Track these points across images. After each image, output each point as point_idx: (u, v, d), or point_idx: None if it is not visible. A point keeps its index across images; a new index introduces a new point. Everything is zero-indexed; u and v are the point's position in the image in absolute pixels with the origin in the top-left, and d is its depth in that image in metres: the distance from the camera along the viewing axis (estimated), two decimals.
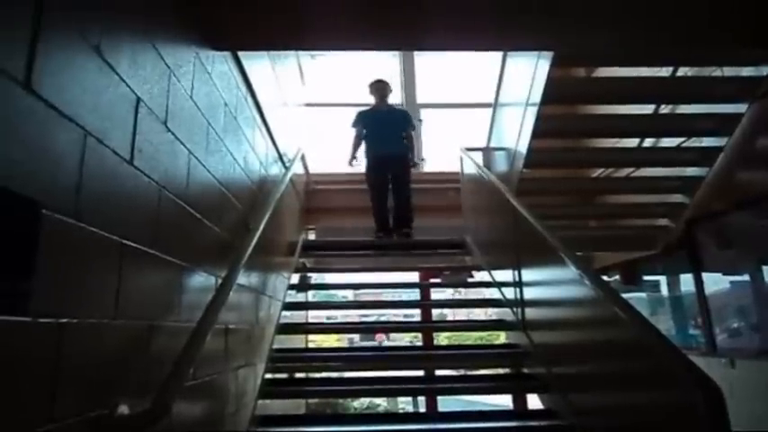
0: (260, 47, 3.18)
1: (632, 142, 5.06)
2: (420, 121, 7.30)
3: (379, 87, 5.94)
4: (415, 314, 5.63)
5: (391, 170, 5.58)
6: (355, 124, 5.78)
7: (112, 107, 1.50)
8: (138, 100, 1.65)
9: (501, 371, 4.36)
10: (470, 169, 5.27)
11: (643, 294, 5.98)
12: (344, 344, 8.82)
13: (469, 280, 5.44)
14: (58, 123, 1.25)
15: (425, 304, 5.39)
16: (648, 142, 4.99)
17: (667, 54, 3.99)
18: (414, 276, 6.24)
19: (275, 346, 3.59)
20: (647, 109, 4.83)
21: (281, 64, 4.37)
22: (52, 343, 1.20)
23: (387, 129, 5.70)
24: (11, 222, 1.09)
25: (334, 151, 7.20)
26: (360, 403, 8.51)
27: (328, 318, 7.32)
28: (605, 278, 6.04)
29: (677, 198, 4.85)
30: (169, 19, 2.00)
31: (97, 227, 1.39)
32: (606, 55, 4.11)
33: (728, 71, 4.06)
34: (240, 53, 2.87)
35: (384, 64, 7.67)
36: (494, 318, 4.40)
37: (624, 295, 2.26)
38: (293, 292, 4.58)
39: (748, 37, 2.84)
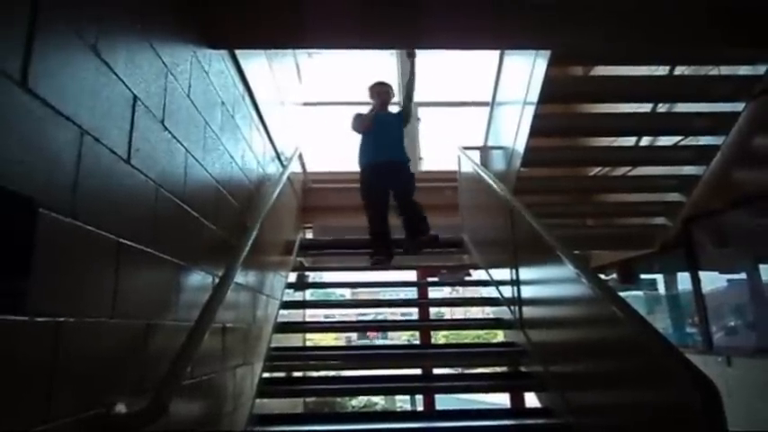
0: (257, 45, 3.17)
1: (629, 141, 5.07)
2: (418, 119, 7.26)
3: (382, 91, 5.27)
4: (413, 312, 5.63)
5: (393, 183, 4.92)
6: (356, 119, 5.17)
7: (109, 106, 1.50)
8: (135, 98, 1.65)
9: (498, 369, 4.37)
10: (468, 168, 5.27)
11: (640, 293, 5.99)
12: (342, 342, 8.83)
13: (467, 278, 5.44)
14: (55, 122, 1.24)
15: (423, 303, 5.40)
16: (645, 141, 5.00)
17: (662, 52, 3.99)
18: (411, 275, 6.24)
19: (273, 345, 3.59)
20: (645, 108, 4.83)
21: (279, 62, 4.37)
22: (49, 342, 1.20)
23: (386, 134, 5.05)
24: (7, 221, 1.09)
25: (331, 150, 7.22)
26: (357, 401, 8.53)
27: (326, 316, 7.32)
28: (603, 277, 6.05)
29: (674, 197, 4.85)
30: (166, 17, 2.00)
31: (94, 225, 1.39)
32: (603, 54, 4.11)
33: (725, 70, 4.06)
34: (237, 52, 2.87)
35: (382, 62, 7.67)
36: (491, 316, 4.40)
37: (621, 294, 2.27)
38: (291, 290, 4.58)
39: (741, 36, 2.85)
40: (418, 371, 4.44)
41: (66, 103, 1.28)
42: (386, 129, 5.08)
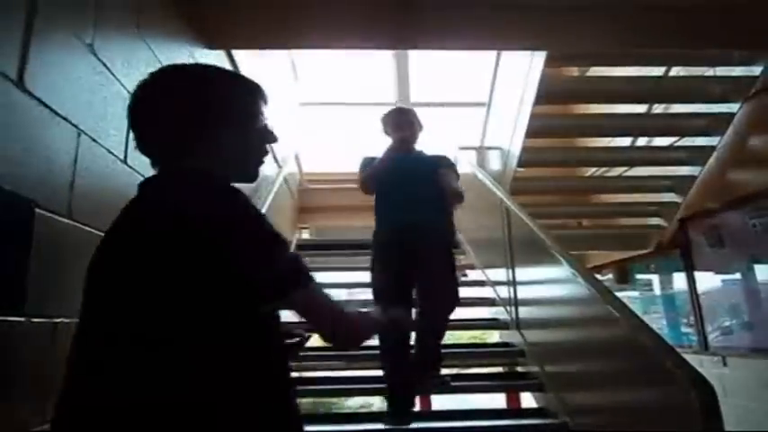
0: (254, 46, 3.17)
1: (625, 141, 5.08)
2: None
3: (402, 123, 3.21)
4: None
5: (419, 260, 2.94)
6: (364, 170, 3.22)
7: (106, 106, 1.49)
8: None
9: (494, 370, 4.37)
10: (464, 168, 5.27)
11: (636, 293, 6.00)
12: None
13: (463, 279, 5.44)
14: (52, 122, 1.24)
15: None
16: (641, 141, 5.01)
17: (656, 50, 4.00)
18: None
19: None
20: (640, 108, 4.85)
21: (276, 62, 4.36)
22: (46, 343, 1.20)
23: (410, 185, 3.03)
24: (3, 221, 1.08)
25: (327, 150, 7.21)
26: (354, 402, 8.51)
27: None
28: (599, 277, 6.06)
29: (670, 197, 4.87)
30: (163, 18, 2.00)
31: (91, 226, 1.38)
32: (599, 54, 4.12)
33: (721, 71, 4.08)
34: (234, 52, 2.87)
35: (378, 61, 7.66)
36: (487, 317, 4.40)
37: (617, 294, 2.27)
38: None
39: (734, 37, 2.87)
40: None
41: (63, 103, 1.27)
42: (410, 178, 3.08)
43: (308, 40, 2.83)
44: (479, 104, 6.27)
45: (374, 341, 2.97)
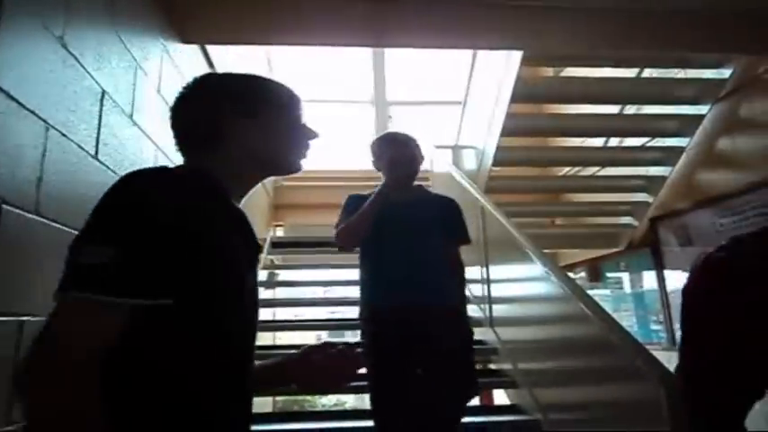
0: (229, 41, 3.13)
1: (598, 142, 5.15)
2: (389, 117, 7.19)
3: (401, 158, 2.27)
4: None
5: (432, 366, 2.08)
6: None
7: (77, 100, 1.46)
8: (104, 93, 1.61)
9: None
10: (440, 167, 5.29)
11: (607, 291, 6.09)
12: (313, 341, 8.77)
13: None
14: (20, 116, 1.21)
15: None
16: (614, 142, 5.08)
17: (629, 51, 4.06)
18: None
19: None
20: (613, 109, 4.92)
21: (251, 59, 4.32)
22: (11, 342, 1.17)
23: (413, 240, 2.25)
24: None
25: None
26: (327, 400, 8.50)
27: (296, 315, 7.28)
28: (571, 275, 6.13)
29: (641, 197, 4.95)
30: (136, 10, 1.96)
31: (60, 222, 1.35)
32: (573, 55, 4.17)
33: (692, 73, 4.15)
34: (209, 47, 2.83)
35: (355, 59, 7.63)
36: None
37: (589, 292, 2.30)
38: (261, 288, 4.54)
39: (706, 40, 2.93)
40: None
41: (31, 96, 1.24)
42: (411, 229, 2.27)
43: (283, 36, 2.81)
44: (455, 103, 6.29)
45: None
